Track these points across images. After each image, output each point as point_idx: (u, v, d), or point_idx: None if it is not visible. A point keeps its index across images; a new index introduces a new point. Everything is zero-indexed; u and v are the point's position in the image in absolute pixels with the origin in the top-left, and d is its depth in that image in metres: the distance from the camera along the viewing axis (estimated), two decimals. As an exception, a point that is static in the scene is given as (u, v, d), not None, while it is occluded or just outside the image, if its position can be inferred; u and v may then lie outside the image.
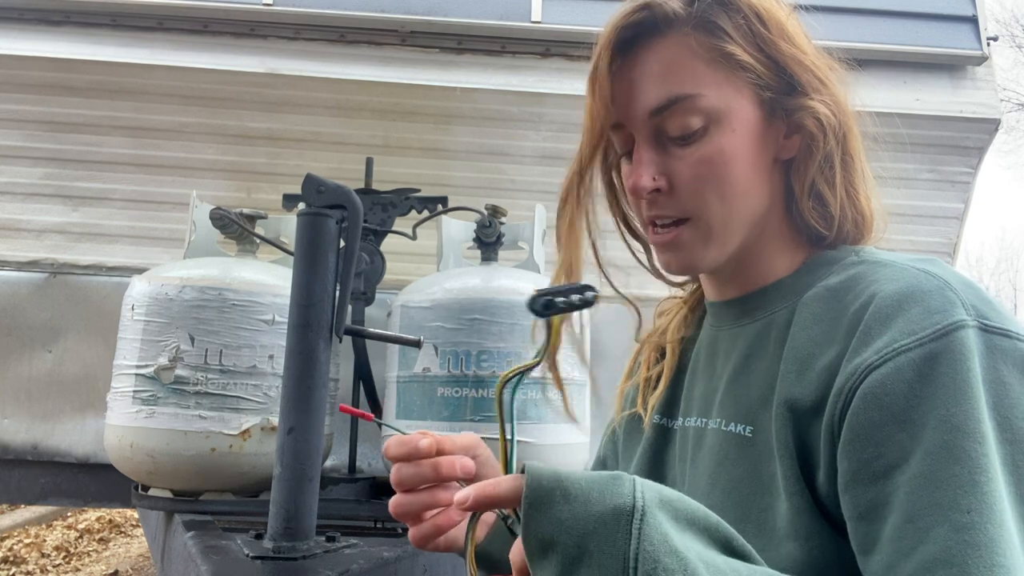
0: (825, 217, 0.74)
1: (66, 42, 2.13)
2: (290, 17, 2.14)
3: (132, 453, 1.56)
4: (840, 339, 0.65)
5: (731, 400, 0.75)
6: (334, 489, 1.63)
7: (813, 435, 0.65)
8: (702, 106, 0.71)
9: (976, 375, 0.59)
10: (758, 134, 0.73)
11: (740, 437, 0.72)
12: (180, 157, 2.18)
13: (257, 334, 1.58)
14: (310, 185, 1.24)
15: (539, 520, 0.54)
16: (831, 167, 0.73)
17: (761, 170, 0.74)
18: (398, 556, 1.23)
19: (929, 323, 0.61)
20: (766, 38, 0.71)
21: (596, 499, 0.54)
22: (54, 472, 2.18)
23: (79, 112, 2.15)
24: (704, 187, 0.72)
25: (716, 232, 0.74)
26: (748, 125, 0.72)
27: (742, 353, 0.76)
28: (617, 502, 0.53)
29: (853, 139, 0.74)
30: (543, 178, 2.20)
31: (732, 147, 0.72)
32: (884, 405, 0.60)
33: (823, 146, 0.72)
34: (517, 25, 2.14)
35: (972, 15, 2.20)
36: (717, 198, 0.72)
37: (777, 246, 0.77)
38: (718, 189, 0.72)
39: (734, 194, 0.73)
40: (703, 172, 0.72)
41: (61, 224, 2.20)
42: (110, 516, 5.36)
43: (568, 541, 0.53)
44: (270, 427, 1.55)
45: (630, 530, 0.52)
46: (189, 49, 2.13)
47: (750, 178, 0.73)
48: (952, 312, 0.61)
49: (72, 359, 2.17)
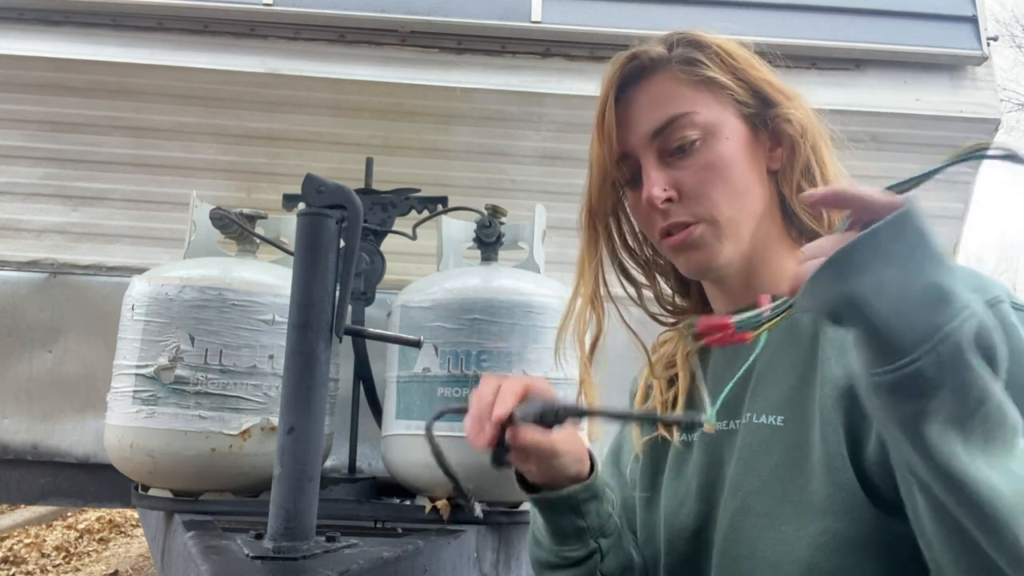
0: (817, 217, 0.82)
1: (66, 42, 2.13)
2: (290, 17, 2.13)
3: (132, 453, 1.56)
4: None
5: (761, 395, 0.81)
6: (334, 489, 1.63)
7: (859, 408, 0.68)
8: (697, 121, 0.82)
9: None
10: (748, 143, 0.84)
11: (771, 427, 0.77)
12: (180, 157, 2.18)
13: (257, 334, 1.58)
14: (310, 185, 1.24)
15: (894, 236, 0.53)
16: (810, 169, 0.83)
17: (756, 175, 0.84)
18: (398, 556, 1.23)
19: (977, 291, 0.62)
20: (735, 66, 0.84)
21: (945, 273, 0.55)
22: (54, 472, 2.18)
23: (79, 112, 2.15)
24: (710, 189, 0.81)
25: (726, 229, 0.82)
26: (738, 135, 0.83)
27: (768, 352, 0.81)
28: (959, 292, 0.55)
29: (824, 145, 0.85)
30: (543, 178, 2.20)
31: (729, 152, 0.82)
32: None
33: (803, 150, 0.82)
34: (517, 25, 2.14)
35: (972, 15, 2.20)
36: (723, 197, 0.82)
37: (783, 253, 0.84)
38: (723, 189, 0.82)
39: (736, 193, 0.82)
40: (707, 176, 0.81)
41: (61, 224, 2.20)
42: (110, 516, 5.36)
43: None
44: (270, 427, 1.55)
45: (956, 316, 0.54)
46: (189, 49, 2.13)
47: (748, 180, 0.83)
48: (990, 288, 0.67)
49: (72, 359, 2.17)
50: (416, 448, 1.60)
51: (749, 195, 0.83)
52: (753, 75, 0.84)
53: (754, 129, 0.85)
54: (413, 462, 1.61)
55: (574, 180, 2.30)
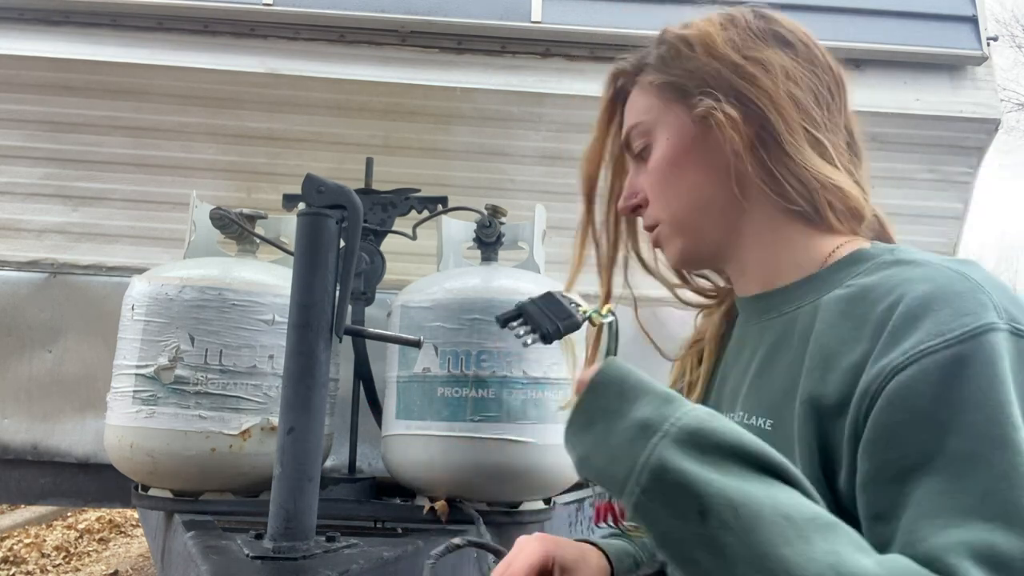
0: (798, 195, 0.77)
1: (66, 42, 2.12)
2: (290, 17, 2.13)
3: (132, 453, 1.56)
4: (867, 339, 0.65)
5: (754, 394, 0.79)
6: (334, 489, 1.63)
7: (836, 434, 0.66)
8: (641, 130, 0.85)
9: (1005, 380, 0.58)
10: (693, 137, 0.81)
11: (760, 431, 0.74)
12: (180, 157, 2.17)
13: (257, 334, 1.58)
14: (310, 185, 1.24)
15: (593, 401, 0.65)
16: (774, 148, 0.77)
17: (707, 167, 0.81)
18: (398, 556, 1.23)
19: (958, 324, 0.61)
20: (689, 56, 0.82)
21: (641, 406, 0.62)
22: (54, 472, 2.17)
23: (79, 112, 2.15)
24: (658, 192, 0.84)
25: (677, 225, 0.84)
26: (681, 132, 0.82)
27: (767, 348, 0.79)
28: (651, 416, 0.60)
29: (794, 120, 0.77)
30: (543, 178, 2.20)
31: (667, 153, 0.83)
32: (909, 407, 0.60)
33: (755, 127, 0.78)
34: (517, 25, 2.14)
35: (972, 15, 2.19)
36: (668, 198, 0.84)
37: (792, 240, 0.80)
38: (667, 190, 0.84)
39: (680, 191, 0.83)
40: (654, 180, 0.84)
41: (61, 224, 2.19)
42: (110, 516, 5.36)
43: (604, 426, 0.63)
44: (270, 427, 1.55)
45: (646, 444, 0.58)
46: (189, 49, 2.13)
47: (695, 175, 0.82)
48: (982, 315, 0.61)
49: (72, 359, 2.17)
50: (416, 448, 1.60)
51: (698, 190, 0.82)
52: (706, 61, 0.80)
53: (699, 120, 0.80)
54: (413, 462, 1.61)
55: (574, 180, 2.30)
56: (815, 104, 0.79)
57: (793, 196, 0.77)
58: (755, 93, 0.78)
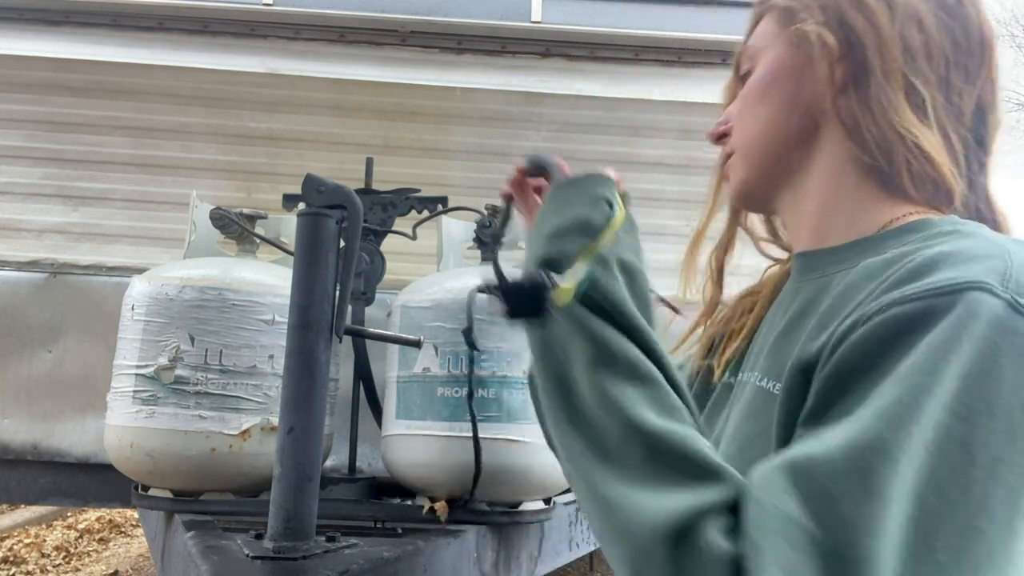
0: (875, 145, 0.69)
1: (66, 42, 2.13)
2: (290, 17, 2.14)
3: (132, 453, 1.56)
4: (865, 301, 0.59)
5: (772, 356, 0.73)
6: (334, 489, 1.63)
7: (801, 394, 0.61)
8: (749, 54, 0.79)
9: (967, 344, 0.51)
10: (790, 63, 0.75)
11: (768, 393, 0.70)
12: (180, 157, 2.18)
13: (257, 334, 1.58)
14: (310, 185, 1.24)
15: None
16: (863, 85, 0.69)
17: (794, 99, 0.74)
18: (398, 556, 1.23)
19: (944, 279, 0.54)
20: None
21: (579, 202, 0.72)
22: (54, 472, 2.18)
23: (79, 112, 2.15)
24: (740, 115, 0.79)
25: (744, 153, 0.79)
26: (779, 56, 0.76)
27: (797, 308, 0.73)
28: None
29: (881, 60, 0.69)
30: (543, 178, 2.20)
31: (761, 76, 0.77)
32: (860, 353, 0.55)
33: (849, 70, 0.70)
34: (517, 25, 2.14)
35: (972, 15, 2.19)
36: (747, 122, 0.78)
37: (854, 197, 0.72)
38: (747, 115, 0.78)
39: (758, 117, 0.77)
40: (741, 103, 0.79)
41: (61, 224, 2.20)
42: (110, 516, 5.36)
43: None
44: (270, 427, 1.55)
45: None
46: (189, 49, 2.13)
47: (777, 103, 0.75)
48: (979, 275, 0.53)
49: (72, 359, 2.17)
50: (416, 448, 1.60)
51: (773, 119, 0.75)
52: None
53: (801, 45, 0.73)
54: (413, 462, 1.61)
55: (574, 180, 2.31)
56: (934, 56, 0.69)
57: (869, 145, 0.69)
58: (861, 24, 0.69)
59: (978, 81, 0.71)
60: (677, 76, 2.19)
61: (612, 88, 2.17)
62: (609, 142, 2.20)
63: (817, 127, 0.73)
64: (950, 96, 0.70)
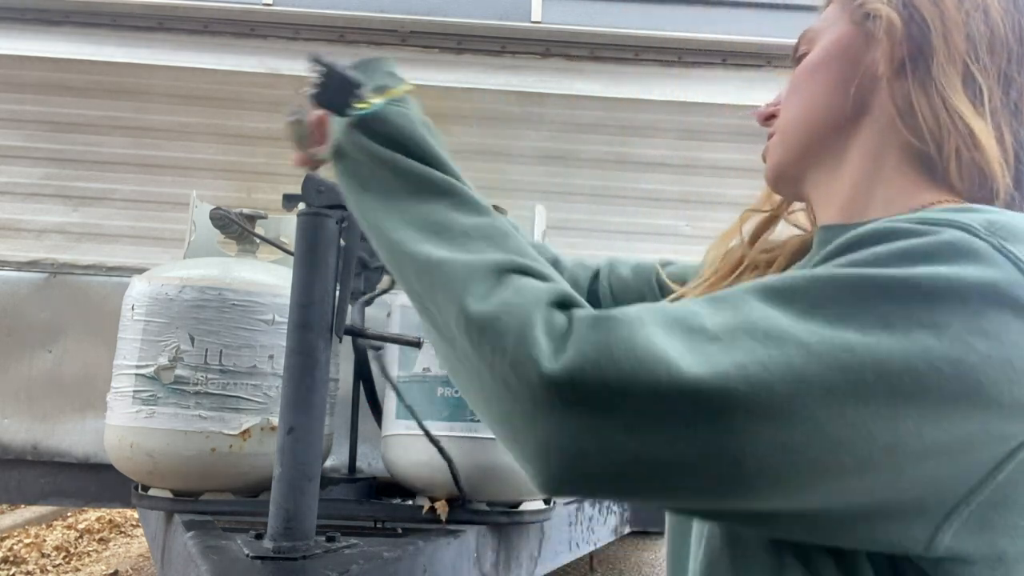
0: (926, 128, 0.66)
1: (66, 42, 2.13)
2: (290, 17, 2.14)
3: (132, 453, 1.56)
4: None
5: None
6: (334, 489, 1.63)
7: None
8: (809, 36, 0.77)
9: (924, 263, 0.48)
10: (848, 42, 0.72)
11: None
12: (180, 157, 2.18)
13: (257, 334, 1.58)
14: (310, 185, 1.24)
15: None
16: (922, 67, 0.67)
17: (845, 79, 0.71)
18: (398, 556, 1.23)
19: (931, 216, 0.52)
20: None
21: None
22: (54, 472, 2.18)
23: (79, 112, 2.15)
24: (788, 95, 0.77)
25: (784, 133, 0.76)
26: (838, 35, 0.73)
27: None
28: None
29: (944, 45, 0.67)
30: (543, 178, 2.20)
31: (816, 55, 0.74)
32: (821, 258, 0.54)
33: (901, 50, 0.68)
34: (517, 25, 2.14)
35: (972, 15, 2.19)
36: (792, 102, 0.76)
37: (894, 180, 0.69)
38: (794, 94, 0.76)
39: (804, 97, 0.74)
40: (791, 83, 0.77)
41: (61, 224, 2.20)
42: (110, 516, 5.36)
43: None
44: (270, 427, 1.55)
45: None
46: (189, 49, 2.13)
47: (826, 83, 0.73)
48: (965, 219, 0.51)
49: (72, 359, 2.17)
50: (416, 448, 1.60)
51: (818, 99, 0.73)
52: None
53: (863, 23, 0.71)
54: (413, 462, 1.61)
55: (574, 180, 2.32)
56: (996, 49, 0.67)
57: (921, 128, 0.66)
58: (927, 6, 0.67)
59: None
60: (677, 76, 2.18)
61: (612, 88, 2.17)
62: (609, 142, 2.20)
63: (862, 110, 0.70)
64: (1008, 91, 0.67)
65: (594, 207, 2.21)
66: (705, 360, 0.46)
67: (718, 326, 0.48)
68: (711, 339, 0.47)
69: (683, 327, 0.48)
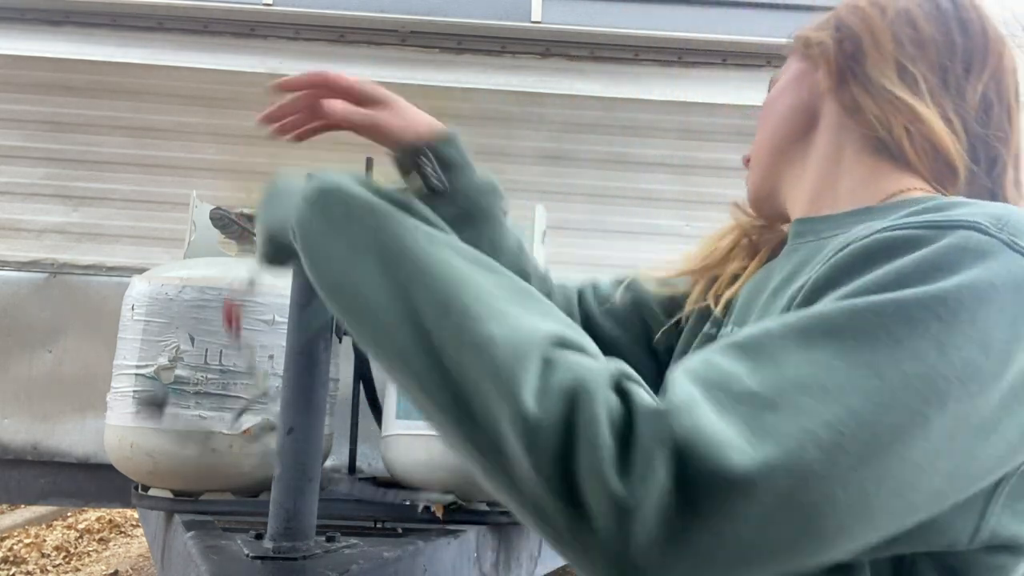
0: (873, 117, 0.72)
1: (66, 42, 2.13)
2: (290, 17, 2.14)
3: (132, 453, 1.56)
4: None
5: (755, 311, 0.73)
6: (334, 489, 1.63)
7: None
8: (772, 81, 0.86)
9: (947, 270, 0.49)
10: (794, 77, 0.81)
11: None
12: (180, 157, 2.18)
13: (257, 334, 1.58)
14: (310, 185, 1.24)
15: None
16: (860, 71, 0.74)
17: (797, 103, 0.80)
18: (398, 556, 1.23)
19: (938, 216, 0.53)
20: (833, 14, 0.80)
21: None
22: (54, 472, 2.18)
23: (79, 112, 2.15)
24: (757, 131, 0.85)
25: (755, 160, 0.84)
26: (788, 75, 0.83)
27: (789, 270, 0.72)
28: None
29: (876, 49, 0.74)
30: (543, 178, 2.20)
31: (773, 94, 0.84)
32: (836, 270, 0.54)
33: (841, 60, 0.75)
34: (517, 25, 2.15)
35: (972, 15, 2.19)
36: (758, 135, 0.84)
37: (856, 170, 0.74)
38: (759, 128, 0.84)
39: (765, 126, 0.83)
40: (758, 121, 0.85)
41: (61, 224, 2.20)
42: (110, 516, 5.36)
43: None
44: (270, 427, 1.55)
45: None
46: (189, 49, 2.13)
47: (782, 109, 0.81)
48: (974, 215, 0.52)
49: (72, 359, 2.17)
50: (416, 448, 1.60)
51: (777, 123, 0.81)
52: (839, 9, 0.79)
53: (804, 52, 0.81)
54: (413, 462, 1.61)
55: (574, 180, 2.31)
56: (926, 46, 0.73)
57: (868, 119, 0.72)
58: (855, 22, 0.76)
59: (983, 76, 0.73)
60: (677, 76, 2.18)
61: (612, 88, 2.17)
62: (609, 142, 2.20)
63: (816, 121, 0.78)
64: (946, 78, 0.72)
65: (594, 207, 2.21)
66: (772, 438, 0.43)
67: (767, 387, 0.46)
68: (767, 406, 0.45)
69: (732, 397, 0.46)
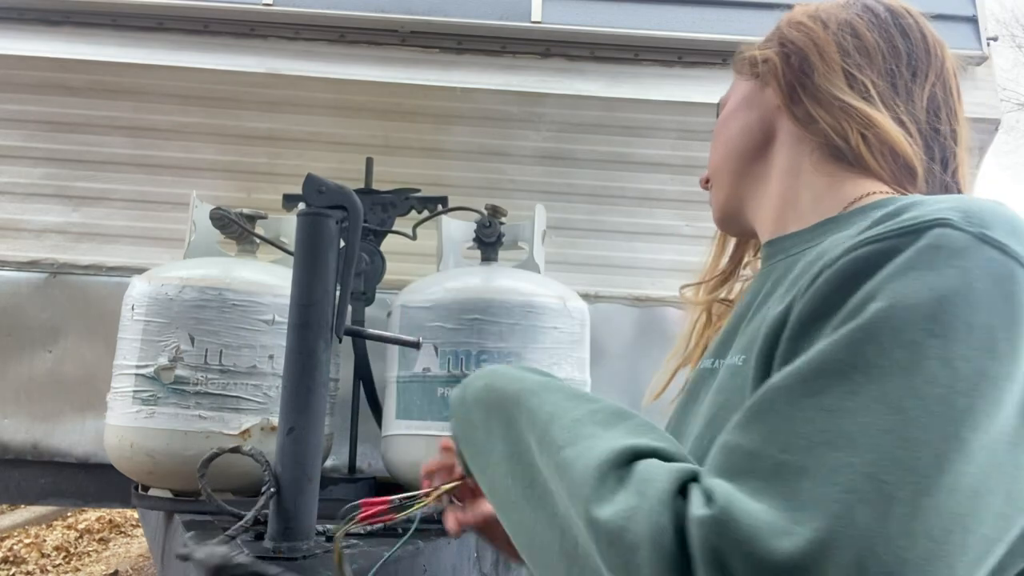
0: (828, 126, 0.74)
1: (66, 42, 2.13)
2: (290, 17, 2.13)
3: (132, 453, 1.56)
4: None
5: (742, 335, 0.72)
6: (334, 489, 1.63)
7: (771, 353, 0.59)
8: (723, 102, 0.88)
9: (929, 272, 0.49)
10: (745, 93, 0.84)
11: (736, 367, 0.68)
12: (180, 157, 2.18)
13: (257, 334, 1.58)
14: (310, 185, 1.24)
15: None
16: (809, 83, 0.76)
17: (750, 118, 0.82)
18: (398, 556, 1.23)
19: (907, 218, 0.53)
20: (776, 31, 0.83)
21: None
22: (54, 472, 2.17)
23: (79, 112, 2.15)
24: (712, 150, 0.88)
25: (715, 179, 0.87)
26: (738, 94, 0.85)
27: (767, 289, 0.72)
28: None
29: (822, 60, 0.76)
30: (543, 178, 2.20)
31: (725, 114, 0.86)
32: (820, 300, 0.53)
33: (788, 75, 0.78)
34: (517, 25, 2.14)
35: (972, 15, 2.19)
36: (713, 154, 0.87)
37: (816, 182, 0.75)
38: (713, 148, 0.87)
39: (720, 144, 0.86)
40: (712, 141, 0.87)
41: (61, 224, 2.20)
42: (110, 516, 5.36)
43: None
44: (270, 427, 1.55)
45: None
46: (189, 49, 2.13)
47: (736, 125, 0.83)
48: (941, 212, 0.52)
49: (72, 359, 2.17)
50: (416, 448, 1.60)
51: (733, 139, 0.83)
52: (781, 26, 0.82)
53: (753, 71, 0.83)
54: (413, 462, 1.61)
55: (574, 180, 2.31)
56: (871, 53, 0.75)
57: (823, 129, 0.74)
58: (798, 37, 0.78)
59: (929, 78, 0.76)
60: (677, 76, 2.18)
61: (612, 88, 2.16)
62: (609, 142, 2.20)
63: (771, 137, 0.80)
64: (895, 83, 0.75)
65: (594, 207, 2.21)
66: (810, 507, 0.43)
67: (790, 451, 0.46)
68: (797, 473, 0.44)
69: (761, 477, 0.46)
